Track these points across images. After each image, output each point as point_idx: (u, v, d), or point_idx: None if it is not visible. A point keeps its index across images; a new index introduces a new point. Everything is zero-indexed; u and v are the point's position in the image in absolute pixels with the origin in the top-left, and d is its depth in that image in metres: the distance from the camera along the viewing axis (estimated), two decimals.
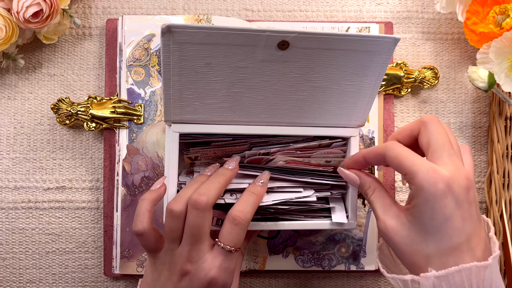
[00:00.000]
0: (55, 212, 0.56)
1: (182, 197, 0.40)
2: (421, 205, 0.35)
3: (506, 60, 0.48)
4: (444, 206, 0.34)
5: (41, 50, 0.56)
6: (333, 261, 0.54)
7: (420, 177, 0.35)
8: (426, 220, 0.35)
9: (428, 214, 0.35)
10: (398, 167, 0.37)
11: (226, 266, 0.40)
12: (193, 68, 0.39)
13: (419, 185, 0.35)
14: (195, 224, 0.39)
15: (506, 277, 0.54)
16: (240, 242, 0.40)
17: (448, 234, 0.34)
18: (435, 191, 0.34)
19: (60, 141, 0.56)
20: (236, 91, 0.41)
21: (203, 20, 0.54)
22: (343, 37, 0.38)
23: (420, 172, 0.35)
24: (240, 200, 0.41)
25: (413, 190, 0.35)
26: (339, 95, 0.43)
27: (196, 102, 0.42)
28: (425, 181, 0.34)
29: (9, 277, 0.55)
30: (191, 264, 0.40)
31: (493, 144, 0.55)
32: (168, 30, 0.36)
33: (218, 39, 0.37)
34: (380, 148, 0.39)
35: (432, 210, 0.34)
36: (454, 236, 0.34)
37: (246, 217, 0.40)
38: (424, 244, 0.35)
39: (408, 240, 0.36)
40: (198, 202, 0.39)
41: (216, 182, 0.41)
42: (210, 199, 0.39)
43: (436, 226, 0.35)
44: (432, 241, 0.35)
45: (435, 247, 0.35)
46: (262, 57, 0.39)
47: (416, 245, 0.36)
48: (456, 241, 0.34)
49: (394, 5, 0.57)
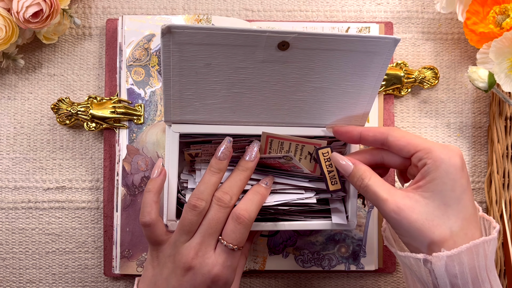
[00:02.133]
0: (55, 212, 0.56)
1: (204, 193, 0.41)
2: (442, 177, 0.36)
3: (506, 60, 0.48)
4: (462, 178, 0.36)
5: (41, 50, 0.56)
6: (333, 261, 0.54)
7: (438, 151, 0.37)
8: (447, 192, 0.36)
9: (449, 186, 0.36)
10: (406, 145, 0.38)
11: (229, 264, 0.41)
12: (193, 69, 0.39)
13: (438, 158, 0.36)
14: (215, 218, 0.40)
15: (506, 277, 0.55)
16: (243, 241, 0.41)
17: (466, 205, 0.36)
18: (456, 163, 0.36)
19: (60, 141, 0.56)
20: (236, 92, 0.41)
21: (203, 20, 0.54)
22: (343, 37, 0.38)
23: (436, 148, 0.37)
24: (244, 199, 0.41)
25: (430, 164, 0.37)
26: (339, 95, 0.43)
27: (196, 102, 0.42)
28: (444, 155, 0.36)
29: (9, 277, 0.55)
30: (197, 259, 0.40)
31: (493, 144, 0.55)
32: (168, 30, 0.36)
33: (218, 40, 0.37)
34: (382, 128, 0.40)
35: (453, 182, 0.36)
36: (470, 207, 0.37)
37: (250, 216, 0.40)
38: (445, 216, 0.36)
39: (428, 216, 0.36)
40: (223, 200, 0.41)
41: (238, 180, 0.42)
42: (233, 197, 0.41)
43: (457, 197, 0.36)
44: (453, 213, 0.36)
45: (457, 219, 0.36)
46: (262, 58, 0.39)
47: (437, 219, 0.36)
48: (472, 212, 0.36)
49: (394, 5, 0.57)
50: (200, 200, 0.40)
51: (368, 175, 0.40)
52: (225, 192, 0.41)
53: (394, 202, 0.37)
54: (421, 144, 0.38)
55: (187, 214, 0.41)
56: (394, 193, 0.38)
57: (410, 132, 0.40)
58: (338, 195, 0.47)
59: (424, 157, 0.37)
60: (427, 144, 0.37)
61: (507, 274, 0.54)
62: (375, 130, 0.41)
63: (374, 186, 0.39)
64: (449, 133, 0.57)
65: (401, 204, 0.37)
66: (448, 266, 0.35)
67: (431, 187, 0.36)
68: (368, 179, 0.40)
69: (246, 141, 0.45)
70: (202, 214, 0.41)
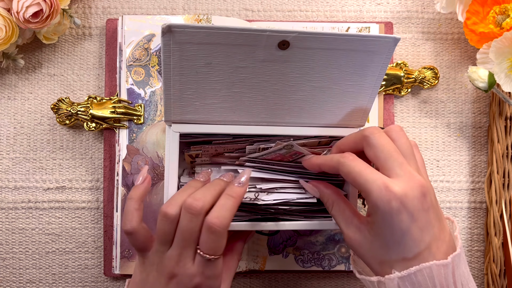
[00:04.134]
0: (55, 212, 0.56)
1: (176, 201, 0.40)
2: (379, 222, 0.36)
3: (506, 60, 0.48)
4: (400, 222, 0.35)
5: (41, 50, 0.56)
6: (333, 261, 0.54)
7: (374, 196, 0.35)
8: (386, 235, 0.36)
9: (387, 230, 0.36)
10: (352, 183, 0.38)
11: (209, 274, 0.40)
12: (194, 68, 0.39)
13: (374, 203, 0.35)
14: (188, 229, 0.39)
15: (506, 277, 0.55)
16: (220, 249, 0.39)
17: (408, 246, 0.36)
18: (390, 209, 0.35)
19: (60, 141, 0.56)
20: (236, 91, 0.41)
21: (203, 20, 0.54)
22: (343, 37, 0.38)
23: (374, 191, 0.35)
24: (216, 205, 0.39)
25: (370, 207, 0.36)
26: (339, 95, 0.43)
27: (196, 102, 0.42)
28: (379, 200, 0.35)
29: (9, 277, 0.55)
30: (179, 269, 0.40)
31: (493, 144, 0.55)
32: (168, 30, 0.36)
33: (219, 39, 0.37)
34: (333, 161, 0.39)
35: (390, 226, 0.35)
36: (414, 247, 0.36)
37: (223, 223, 0.38)
38: (387, 255, 0.37)
39: (371, 253, 0.38)
40: (193, 207, 0.38)
41: (212, 190, 0.40)
42: (205, 205, 0.39)
43: (396, 240, 0.36)
44: (394, 253, 0.36)
45: (398, 258, 0.36)
46: (263, 57, 0.39)
47: (380, 256, 0.37)
48: (416, 251, 0.36)
49: (394, 5, 0.57)
50: (171, 208, 0.39)
51: (331, 201, 0.41)
52: (197, 199, 0.39)
53: (347, 236, 0.39)
54: (363, 185, 0.36)
55: (159, 224, 0.40)
56: (350, 225, 0.39)
57: (405, 134, 0.39)
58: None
59: (365, 198, 0.37)
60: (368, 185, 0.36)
61: (507, 274, 0.54)
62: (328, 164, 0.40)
63: (335, 217, 0.41)
64: (449, 133, 0.57)
65: (352, 238, 0.39)
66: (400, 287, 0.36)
67: (374, 228, 0.37)
68: (330, 208, 0.41)
69: (247, 141, 0.45)
70: (174, 222, 0.39)
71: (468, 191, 0.57)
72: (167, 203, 0.40)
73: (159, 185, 0.53)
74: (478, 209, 0.57)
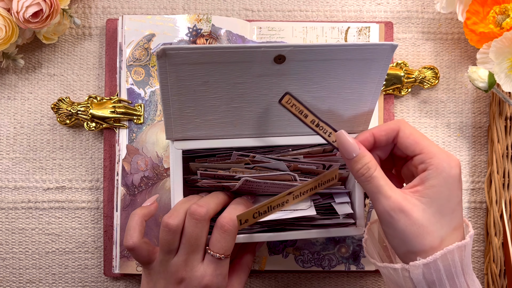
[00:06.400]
0: (55, 212, 0.56)
1: (178, 211, 0.41)
2: (440, 186, 0.36)
3: (506, 60, 0.48)
4: (458, 190, 0.36)
5: (41, 50, 0.56)
6: (333, 261, 0.54)
7: (440, 159, 0.36)
8: (444, 201, 0.36)
9: (446, 196, 0.36)
10: (413, 145, 0.38)
11: (218, 273, 0.41)
12: (191, 87, 0.39)
13: (439, 166, 0.36)
14: (193, 235, 0.40)
15: (506, 277, 0.54)
16: (230, 249, 0.41)
17: (458, 216, 0.37)
18: (455, 174, 0.36)
19: (60, 141, 0.56)
20: (236, 106, 0.41)
21: (203, 19, 0.54)
22: (339, 47, 0.37)
23: (439, 155, 0.36)
24: (228, 208, 0.42)
25: (431, 171, 0.36)
26: (340, 103, 0.42)
27: (197, 119, 0.42)
28: (446, 164, 0.36)
29: (9, 277, 0.55)
30: (186, 272, 0.41)
31: (493, 144, 0.55)
32: (163, 53, 0.36)
33: (214, 58, 0.37)
34: (392, 123, 0.39)
35: (450, 192, 0.36)
36: (460, 218, 0.37)
37: (235, 224, 0.40)
38: (439, 224, 0.36)
39: (423, 221, 0.36)
40: (198, 213, 0.40)
41: (215, 198, 0.42)
42: (209, 211, 0.40)
43: (452, 208, 0.36)
44: (446, 222, 0.36)
45: (448, 228, 0.36)
46: (260, 72, 0.38)
47: (432, 226, 0.36)
48: (461, 221, 0.37)
49: (394, 5, 0.57)
50: (173, 218, 0.40)
51: (374, 165, 0.38)
52: (201, 205, 0.40)
53: (397, 201, 0.36)
54: (426, 147, 0.37)
55: (162, 234, 0.41)
56: (397, 192, 0.37)
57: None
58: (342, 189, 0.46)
59: (427, 161, 0.37)
60: (431, 148, 0.37)
61: (507, 274, 0.54)
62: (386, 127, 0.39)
63: (379, 179, 0.37)
64: (449, 133, 0.57)
65: (402, 204, 0.36)
66: (425, 274, 0.36)
67: (429, 194, 0.36)
68: (374, 169, 0.37)
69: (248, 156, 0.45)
70: (177, 232, 0.40)
71: (468, 191, 0.57)
72: (168, 214, 0.41)
73: (159, 185, 0.53)
74: (478, 209, 0.57)
